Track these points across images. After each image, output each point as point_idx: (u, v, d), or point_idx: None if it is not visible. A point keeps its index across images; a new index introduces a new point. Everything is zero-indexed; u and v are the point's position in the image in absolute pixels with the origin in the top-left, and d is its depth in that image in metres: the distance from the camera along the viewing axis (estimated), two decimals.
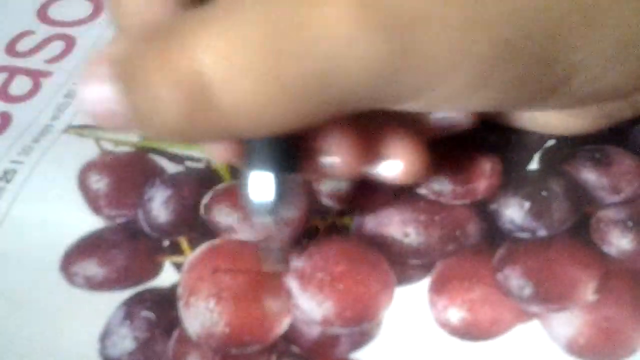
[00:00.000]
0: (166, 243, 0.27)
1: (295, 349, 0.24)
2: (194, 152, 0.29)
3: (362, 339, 0.24)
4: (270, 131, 0.20)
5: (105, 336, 0.24)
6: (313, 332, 0.24)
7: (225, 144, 0.23)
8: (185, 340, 0.24)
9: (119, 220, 0.27)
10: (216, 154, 0.24)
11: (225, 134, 0.20)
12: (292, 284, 0.25)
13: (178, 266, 0.26)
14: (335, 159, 0.23)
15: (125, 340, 0.24)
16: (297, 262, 0.25)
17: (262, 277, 0.25)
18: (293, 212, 0.22)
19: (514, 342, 0.23)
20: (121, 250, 0.26)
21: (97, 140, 0.30)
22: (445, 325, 0.24)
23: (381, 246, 0.25)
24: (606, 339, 0.23)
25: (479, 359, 0.23)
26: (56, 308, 0.25)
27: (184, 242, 0.26)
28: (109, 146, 0.30)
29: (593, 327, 0.23)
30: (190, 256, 0.26)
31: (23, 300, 0.25)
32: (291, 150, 0.22)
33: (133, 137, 0.30)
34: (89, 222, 0.27)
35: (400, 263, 0.25)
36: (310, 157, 0.23)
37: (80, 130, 0.30)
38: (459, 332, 0.23)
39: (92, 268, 0.26)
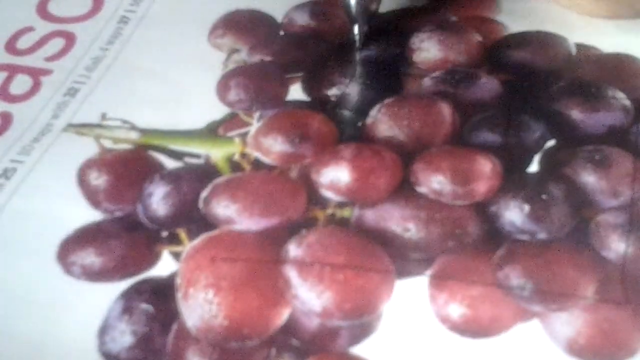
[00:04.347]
0: (164, 234, 0.27)
1: (295, 342, 0.24)
2: (193, 148, 0.29)
3: (362, 332, 0.24)
4: None
5: (103, 331, 0.24)
6: (313, 324, 0.24)
7: None
8: (184, 335, 0.24)
9: (118, 214, 0.27)
10: None
11: None
12: (291, 273, 0.24)
13: (176, 256, 0.26)
14: None
15: (124, 336, 0.24)
16: (296, 252, 0.25)
17: (260, 265, 0.25)
18: None
19: (515, 341, 0.23)
20: (119, 239, 0.26)
21: (97, 138, 0.30)
22: (446, 321, 0.24)
23: (381, 240, 0.25)
24: (607, 340, 0.23)
25: (480, 357, 0.23)
26: (53, 301, 0.25)
27: (182, 233, 0.26)
28: (108, 144, 0.29)
29: (594, 327, 0.23)
30: (189, 246, 0.26)
31: (20, 292, 0.25)
32: None
33: (132, 135, 0.30)
34: (87, 215, 0.27)
35: (400, 257, 0.25)
36: None
37: (79, 128, 0.30)
38: (459, 328, 0.23)
39: (89, 257, 0.26)
